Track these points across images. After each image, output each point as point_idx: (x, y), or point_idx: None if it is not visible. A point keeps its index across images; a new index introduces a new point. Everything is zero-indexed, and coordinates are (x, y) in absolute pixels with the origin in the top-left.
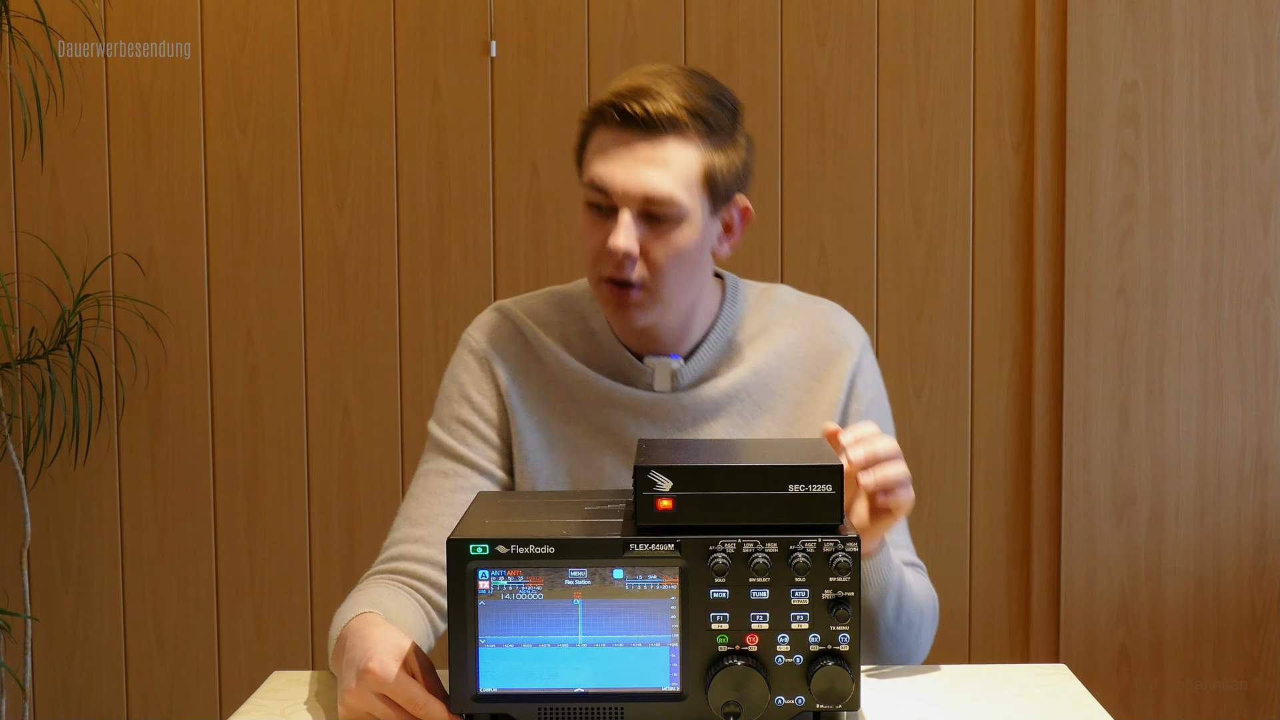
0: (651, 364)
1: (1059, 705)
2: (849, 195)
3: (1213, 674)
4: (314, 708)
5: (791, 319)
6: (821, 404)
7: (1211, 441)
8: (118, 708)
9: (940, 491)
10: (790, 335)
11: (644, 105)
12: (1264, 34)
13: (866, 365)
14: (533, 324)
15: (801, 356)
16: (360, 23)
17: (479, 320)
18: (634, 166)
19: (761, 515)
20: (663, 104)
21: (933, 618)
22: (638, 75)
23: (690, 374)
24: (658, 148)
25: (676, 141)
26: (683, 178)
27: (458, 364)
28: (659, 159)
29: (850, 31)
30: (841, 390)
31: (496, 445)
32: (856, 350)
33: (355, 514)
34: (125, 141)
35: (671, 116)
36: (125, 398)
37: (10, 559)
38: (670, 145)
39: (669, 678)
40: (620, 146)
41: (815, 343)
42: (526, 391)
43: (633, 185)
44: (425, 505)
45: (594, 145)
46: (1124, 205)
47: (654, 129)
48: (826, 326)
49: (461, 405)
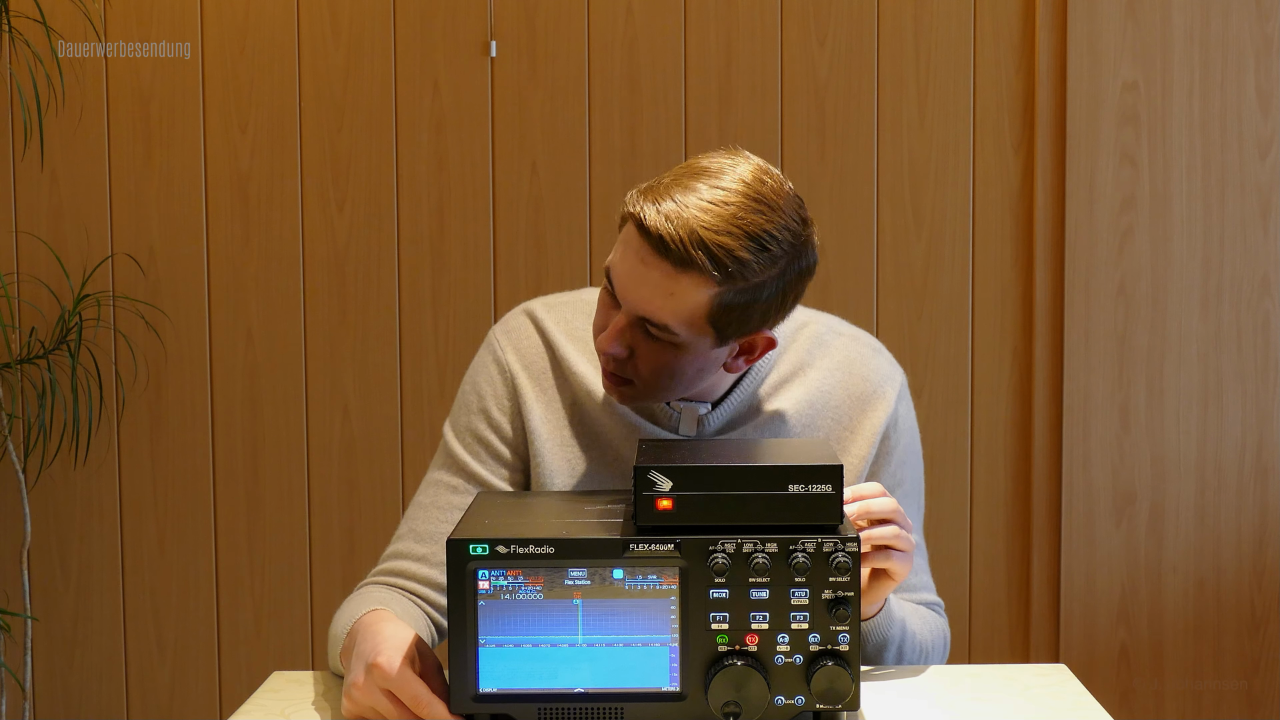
0: (678, 407)
1: (1059, 705)
2: (849, 195)
3: (1213, 674)
4: (314, 708)
5: (828, 362)
6: (851, 456)
7: (1211, 441)
8: (118, 708)
9: (940, 491)
10: (824, 382)
11: (662, 232)
12: (1264, 34)
13: (902, 414)
14: (563, 339)
15: (835, 405)
16: (360, 23)
17: (508, 323)
18: (639, 285)
19: (761, 515)
20: (683, 235)
21: (941, 657)
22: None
23: (717, 420)
24: (669, 276)
25: (689, 277)
26: (684, 313)
27: (480, 370)
28: (665, 288)
29: (850, 31)
30: (873, 444)
31: (510, 463)
32: (892, 400)
33: (355, 514)
34: (125, 141)
35: (688, 256)
36: (125, 398)
37: (10, 559)
38: (683, 279)
39: (669, 678)
40: (636, 258)
41: (850, 391)
42: (548, 412)
43: (632, 301)
44: (432, 520)
45: (624, 234)
46: (1124, 205)
47: (665, 253)
48: (863, 374)
49: (479, 418)
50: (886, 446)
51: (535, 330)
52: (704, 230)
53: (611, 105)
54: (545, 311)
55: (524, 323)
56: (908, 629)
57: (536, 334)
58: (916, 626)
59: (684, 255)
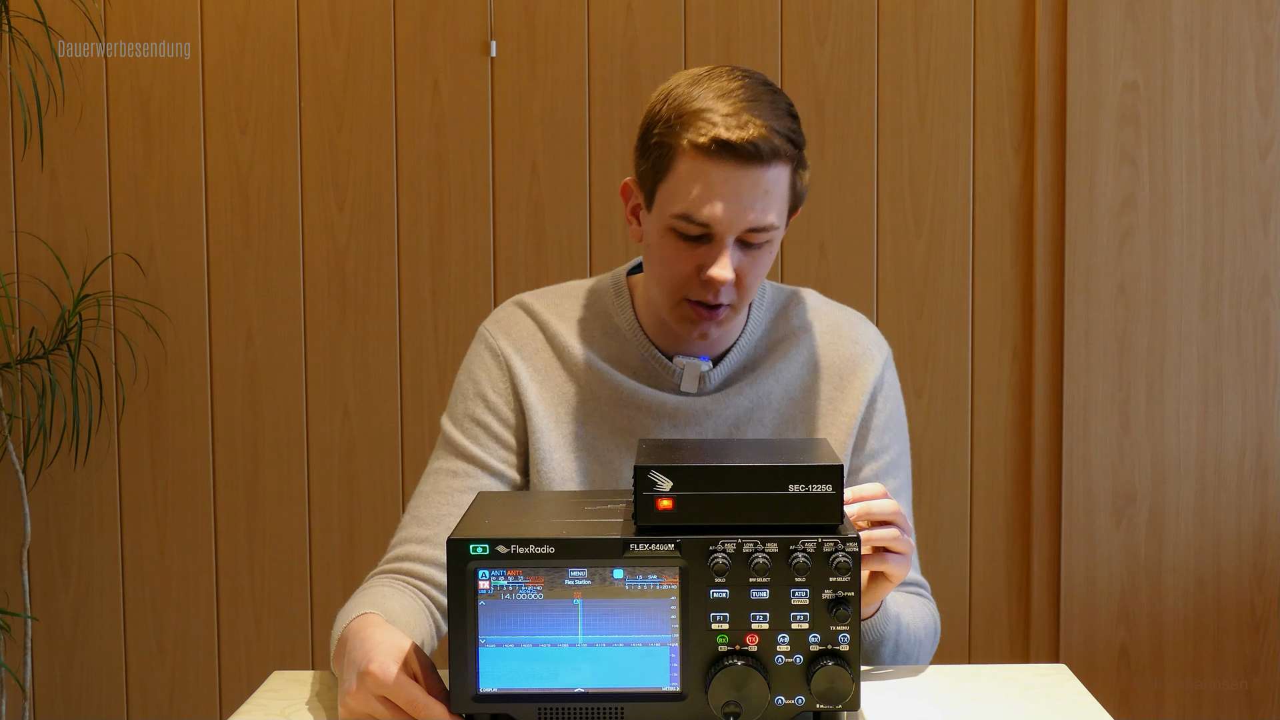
0: (681, 364)
1: (1059, 705)
2: (849, 195)
3: (1213, 674)
4: (314, 708)
5: (819, 326)
6: (842, 415)
7: (1211, 441)
8: (118, 708)
9: (940, 491)
10: (814, 344)
11: (747, 136)
12: (1264, 34)
13: (889, 380)
14: (553, 319)
15: (825, 366)
16: (360, 23)
17: (497, 314)
18: (738, 200)
19: (761, 515)
20: (763, 130)
21: (933, 643)
22: (715, 93)
23: (718, 377)
24: (760, 178)
25: (775, 168)
26: (779, 203)
27: (474, 359)
28: (761, 190)
29: (850, 31)
30: (862, 403)
31: (510, 445)
32: (880, 363)
33: (355, 514)
34: (125, 141)
35: (775, 147)
36: (125, 398)
37: (10, 559)
38: (770, 172)
39: (669, 678)
40: (723, 178)
41: (840, 353)
42: (544, 389)
43: (739, 219)
44: (433, 505)
45: (683, 174)
46: (1124, 205)
47: (757, 158)
48: (852, 337)
49: (476, 403)
50: (874, 409)
51: (526, 315)
52: (771, 122)
53: (611, 105)
54: (533, 299)
55: (514, 311)
56: (903, 623)
57: (528, 318)
58: (910, 619)
59: (772, 149)
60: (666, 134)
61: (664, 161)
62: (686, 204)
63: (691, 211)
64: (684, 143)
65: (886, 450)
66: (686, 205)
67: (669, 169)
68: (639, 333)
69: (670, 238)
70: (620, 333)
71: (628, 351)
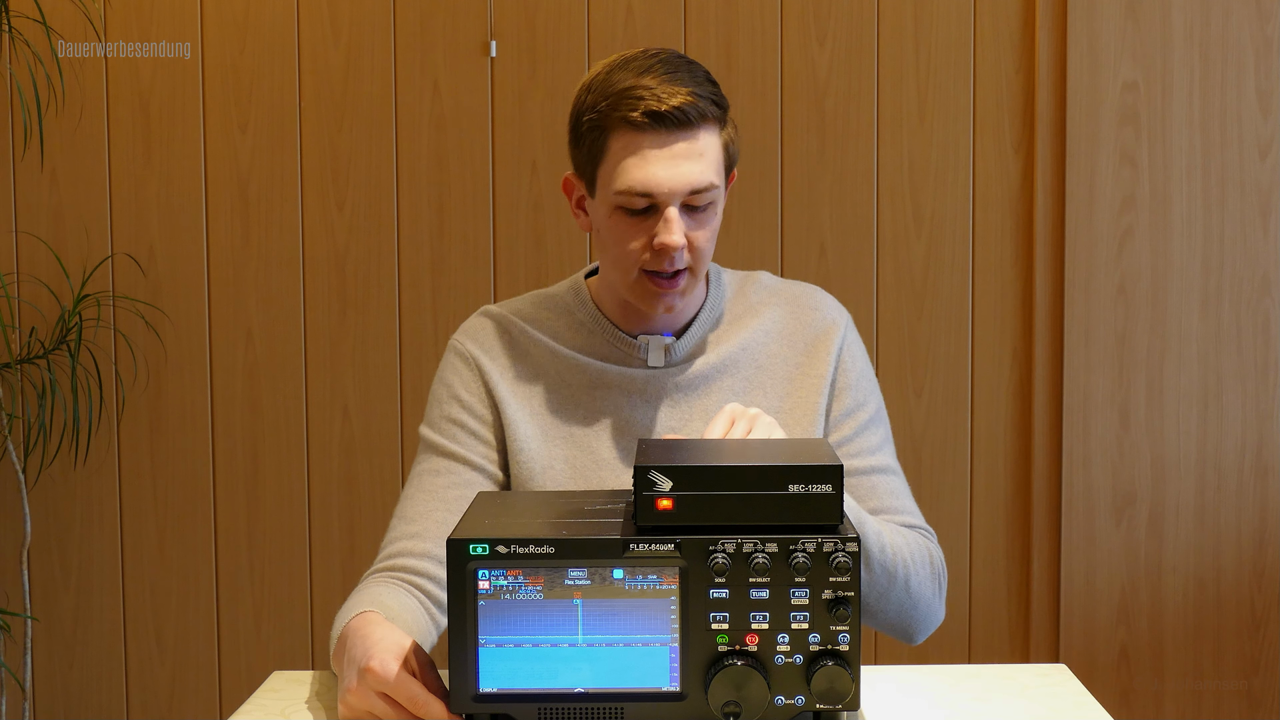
0: (645, 340)
1: (1059, 705)
2: (849, 194)
3: (1213, 674)
4: (314, 708)
5: (776, 299)
6: (811, 378)
7: (1211, 441)
8: (118, 708)
9: (940, 491)
10: (776, 314)
11: (675, 104)
12: (1264, 34)
13: (852, 341)
14: (519, 320)
15: (789, 334)
16: (360, 23)
17: (464, 326)
18: (675, 165)
19: (761, 515)
20: (689, 97)
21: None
22: (634, 73)
23: (682, 349)
24: (693, 141)
25: (705, 131)
26: (715, 162)
27: (445, 368)
28: (695, 152)
29: (850, 31)
30: (829, 365)
31: (488, 441)
32: (843, 325)
33: (355, 514)
34: (125, 141)
35: (702, 110)
36: (125, 398)
37: (10, 559)
38: (701, 134)
39: (669, 678)
40: (658, 146)
41: (801, 320)
42: (516, 386)
43: (679, 183)
44: (419, 503)
45: (618, 151)
46: (1124, 205)
47: (686, 124)
48: (811, 305)
49: (451, 405)
50: (842, 368)
51: (491, 321)
52: (694, 88)
53: None
54: (497, 307)
55: (479, 319)
56: (867, 523)
57: (493, 323)
58: (890, 531)
59: (699, 113)
60: (597, 118)
61: (599, 144)
62: (628, 179)
63: (633, 185)
64: (616, 122)
65: (863, 406)
66: (628, 180)
67: (605, 150)
68: (601, 319)
69: (618, 216)
70: (584, 325)
71: (593, 338)
